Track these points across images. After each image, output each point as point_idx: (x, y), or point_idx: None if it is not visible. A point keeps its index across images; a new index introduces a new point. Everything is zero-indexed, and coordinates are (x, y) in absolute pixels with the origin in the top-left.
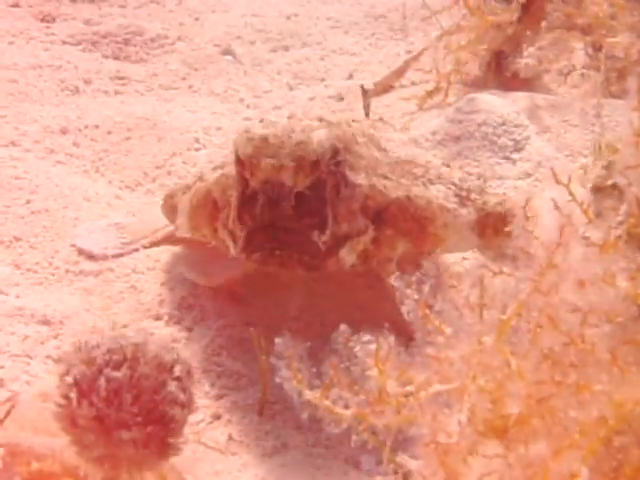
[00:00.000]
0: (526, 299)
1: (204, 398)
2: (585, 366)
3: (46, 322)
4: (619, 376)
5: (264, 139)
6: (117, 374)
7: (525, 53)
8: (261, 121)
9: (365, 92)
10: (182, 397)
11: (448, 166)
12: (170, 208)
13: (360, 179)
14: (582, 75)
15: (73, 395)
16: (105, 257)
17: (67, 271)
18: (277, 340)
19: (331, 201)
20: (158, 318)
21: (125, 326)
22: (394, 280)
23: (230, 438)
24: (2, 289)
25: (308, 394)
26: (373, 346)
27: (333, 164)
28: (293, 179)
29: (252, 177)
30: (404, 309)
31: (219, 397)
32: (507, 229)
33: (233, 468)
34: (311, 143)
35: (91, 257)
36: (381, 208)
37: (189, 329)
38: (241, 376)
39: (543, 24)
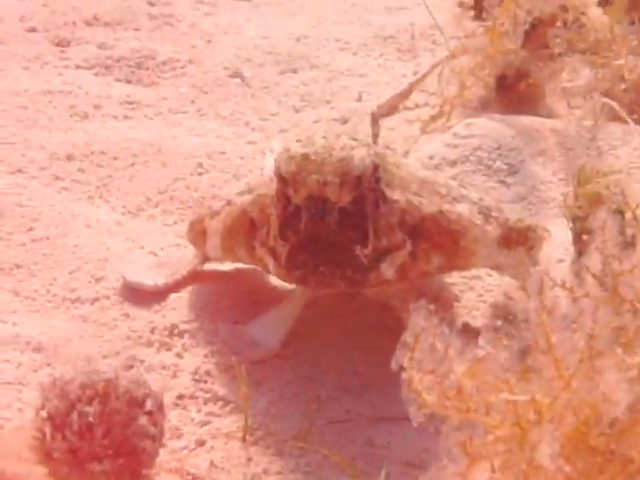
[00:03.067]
0: None
1: (190, 424)
2: None
3: (40, 349)
4: None
5: (306, 157)
6: (89, 409)
7: (529, 78)
8: (298, 140)
9: (374, 119)
10: (153, 430)
11: (464, 187)
12: (198, 233)
13: (397, 195)
14: (585, 99)
15: (47, 429)
16: (156, 287)
17: (64, 299)
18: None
19: (372, 216)
20: (149, 345)
21: (117, 353)
22: (414, 309)
23: (212, 464)
24: (0, 316)
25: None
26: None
27: (373, 180)
28: (337, 195)
29: (295, 194)
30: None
31: (204, 423)
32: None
33: None
34: (352, 160)
35: (141, 289)
36: (417, 223)
37: (179, 355)
38: (227, 402)
39: (546, 50)
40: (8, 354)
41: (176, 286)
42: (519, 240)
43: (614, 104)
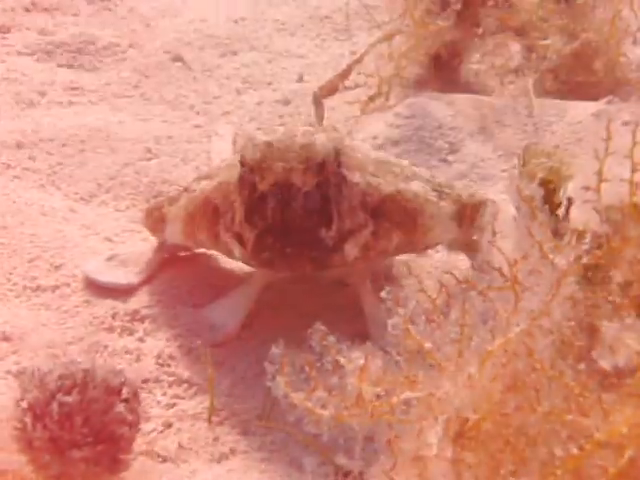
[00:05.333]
0: (512, 337)
1: (156, 407)
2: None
3: (6, 338)
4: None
5: (269, 144)
6: (68, 399)
7: (462, 56)
8: (259, 129)
9: (317, 100)
10: (129, 417)
11: (415, 166)
12: (156, 220)
13: (356, 177)
14: (517, 76)
15: (28, 419)
16: (131, 286)
17: (25, 287)
18: (273, 348)
19: (335, 199)
20: (112, 331)
21: (80, 339)
22: (384, 294)
23: (180, 446)
24: None
25: (293, 397)
26: (361, 361)
27: (336, 165)
28: (302, 180)
29: (262, 181)
30: (390, 323)
31: (170, 406)
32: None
33: (183, 475)
34: (315, 145)
35: (117, 290)
36: (377, 203)
37: (141, 340)
38: (191, 385)
39: (478, 28)
40: None
41: (147, 280)
42: (473, 215)
43: (530, 83)
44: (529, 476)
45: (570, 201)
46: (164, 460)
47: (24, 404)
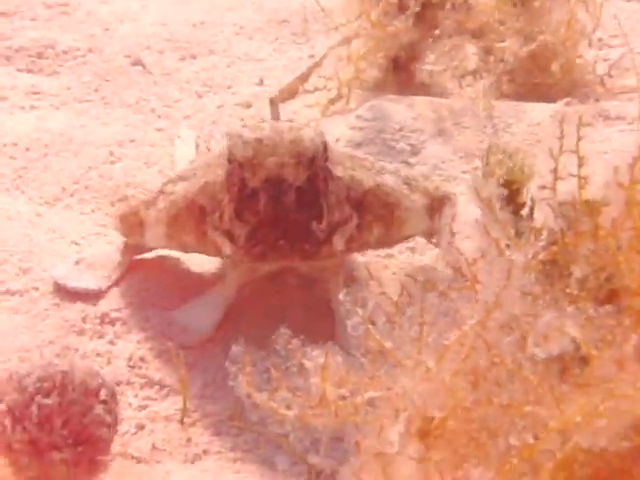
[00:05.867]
0: (466, 329)
1: (128, 409)
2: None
3: None
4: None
5: (260, 141)
6: (48, 401)
7: (421, 58)
8: (244, 126)
9: (273, 103)
10: (108, 418)
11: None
12: (133, 225)
13: (339, 172)
14: (474, 78)
15: (7, 422)
16: (100, 291)
17: None
18: (233, 347)
19: (323, 193)
20: (82, 334)
21: (51, 342)
22: (342, 296)
23: (154, 447)
24: None
25: (256, 396)
26: (321, 360)
27: (324, 159)
28: (294, 175)
29: (253, 177)
30: (349, 324)
31: (142, 408)
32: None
33: (158, 476)
34: (303, 141)
35: (87, 295)
36: (360, 197)
37: (112, 343)
38: (162, 386)
39: (436, 31)
40: None
41: (115, 283)
42: (439, 207)
43: (483, 85)
44: (488, 466)
45: (533, 201)
46: (138, 461)
47: (2, 406)
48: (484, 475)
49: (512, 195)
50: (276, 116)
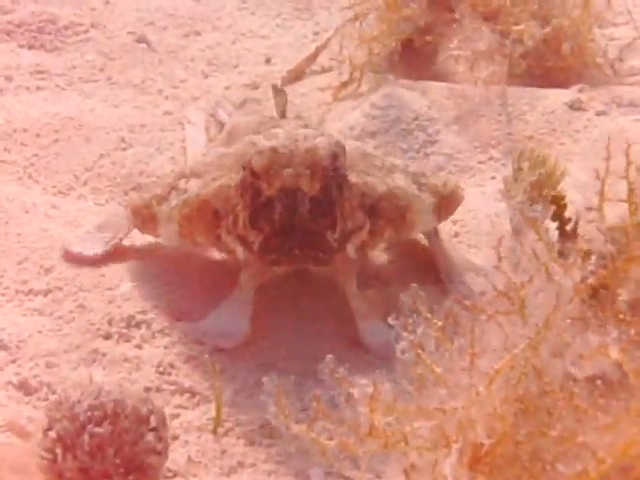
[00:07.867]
0: (517, 353)
1: None
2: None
3: (3, 347)
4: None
5: (275, 150)
6: (100, 430)
7: (434, 42)
8: (258, 133)
9: (278, 92)
10: (159, 446)
11: (391, 156)
12: (146, 219)
13: (353, 178)
14: (488, 63)
15: (58, 450)
16: (96, 257)
17: (17, 291)
18: (265, 379)
19: (338, 201)
20: (108, 337)
21: (78, 347)
22: (390, 320)
23: (189, 460)
24: None
25: (295, 428)
26: (370, 389)
27: (339, 168)
28: (309, 185)
29: (269, 186)
30: (398, 348)
31: (174, 417)
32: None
33: None
34: (317, 150)
35: (82, 259)
36: (374, 203)
37: (139, 347)
38: (193, 394)
39: (451, 14)
40: None
41: (114, 254)
42: (449, 205)
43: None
44: None
45: (578, 217)
46: (174, 475)
47: (53, 434)
48: None
49: (558, 211)
50: (281, 104)
